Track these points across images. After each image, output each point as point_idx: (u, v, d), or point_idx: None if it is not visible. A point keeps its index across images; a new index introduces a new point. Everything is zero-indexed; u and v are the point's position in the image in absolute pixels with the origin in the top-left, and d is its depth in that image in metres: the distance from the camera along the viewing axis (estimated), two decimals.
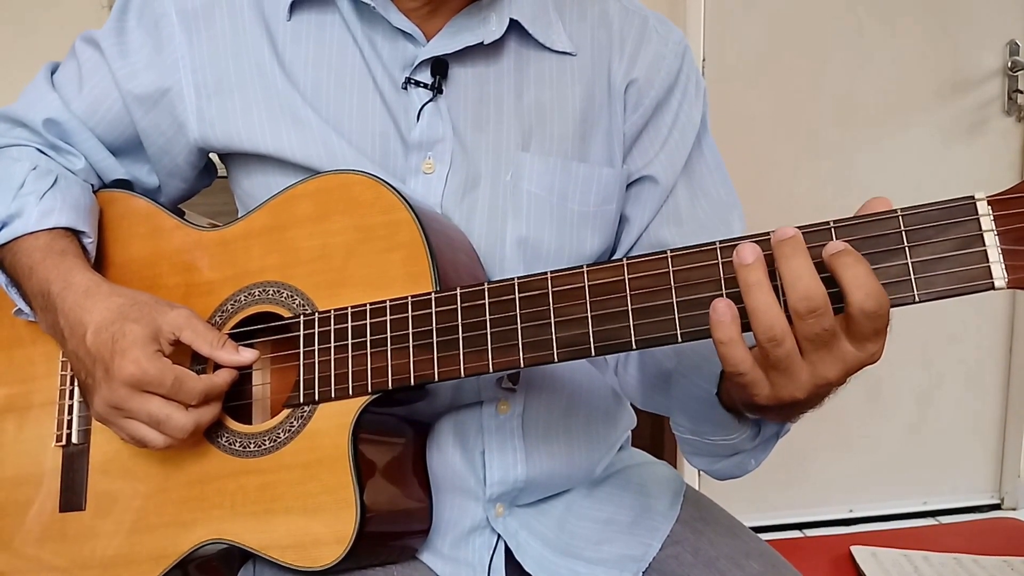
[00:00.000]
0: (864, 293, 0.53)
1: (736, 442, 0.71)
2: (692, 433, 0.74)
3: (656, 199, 0.84)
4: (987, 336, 2.25)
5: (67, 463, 0.81)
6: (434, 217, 0.74)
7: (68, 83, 0.86)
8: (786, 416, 0.65)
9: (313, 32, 0.81)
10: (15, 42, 1.80)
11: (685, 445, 0.76)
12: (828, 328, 0.54)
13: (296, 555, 0.70)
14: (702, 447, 0.74)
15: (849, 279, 0.53)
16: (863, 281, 0.53)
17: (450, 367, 0.67)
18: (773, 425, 0.71)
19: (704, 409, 0.71)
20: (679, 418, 0.75)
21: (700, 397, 0.70)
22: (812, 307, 0.53)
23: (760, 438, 0.71)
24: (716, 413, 0.70)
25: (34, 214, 0.78)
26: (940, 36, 2.13)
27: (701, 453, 0.75)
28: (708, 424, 0.71)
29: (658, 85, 0.84)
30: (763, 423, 0.71)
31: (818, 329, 0.54)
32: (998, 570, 1.08)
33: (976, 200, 0.54)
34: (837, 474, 2.23)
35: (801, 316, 0.54)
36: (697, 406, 0.71)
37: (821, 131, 2.14)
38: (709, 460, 0.75)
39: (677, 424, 0.76)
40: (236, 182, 0.86)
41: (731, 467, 0.74)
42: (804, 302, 0.53)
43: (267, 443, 0.73)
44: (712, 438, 0.72)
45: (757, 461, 0.74)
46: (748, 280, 0.55)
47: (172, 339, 0.72)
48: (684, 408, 0.74)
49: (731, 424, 0.70)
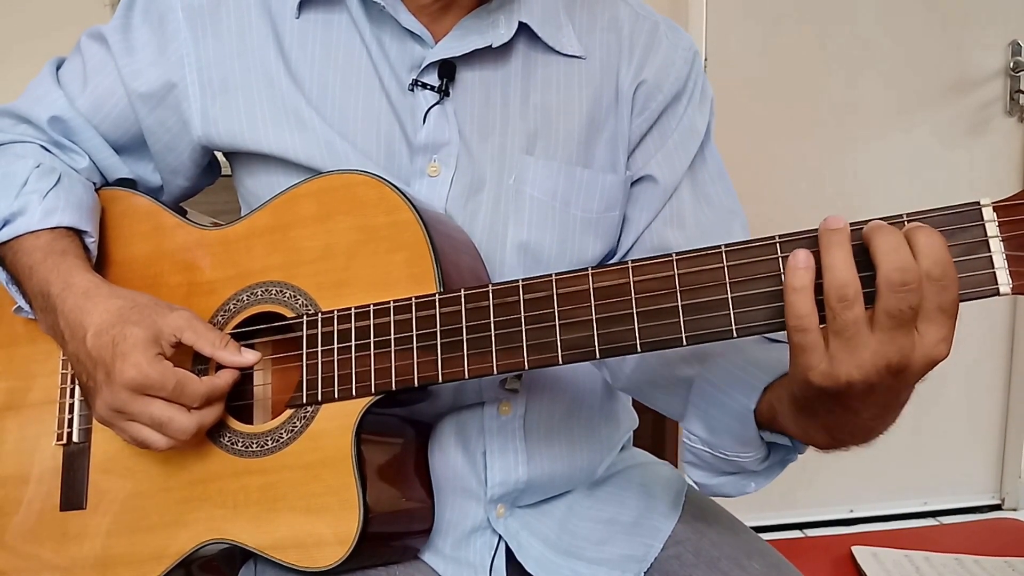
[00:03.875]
0: (932, 260, 0.52)
1: (747, 461, 0.70)
2: (705, 445, 0.72)
3: (656, 200, 0.84)
4: (988, 337, 2.25)
5: (68, 462, 0.80)
6: (438, 218, 0.74)
7: (73, 80, 0.86)
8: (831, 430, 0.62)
9: (320, 32, 0.81)
10: (17, 39, 1.80)
11: (689, 455, 0.74)
12: (914, 306, 0.53)
13: (298, 555, 0.70)
14: (710, 461, 0.72)
15: (923, 245, 0.53)
16: (936, 250, 0.53)
17: (454, 368, 0.66)
18: (782, 451, 0.70)
19: (731, 422, 0.69)
20: (694, 428, 0.73)
21: (731, 410, 0.69)
22: (906, 279, 0.52)
23: (768, 462, 0.71)
24: (745, 429, 0.68)
25: (36, 213, 0.78)
26: (942, 36, 2.12)
27: (705, 467, 0.73)
28: (728, 437, 0.70)
29: (667, 89, 0.84)
30: (773, 448, 0.70)
31: (904, 305, 0.53)
32: (999, 571, 1.08)
33: (981, 206, 0.54)
34: (838, 474, 2.22)
35: (894, 288, 0.53)
36: (723, 418, 0.70)
37: (822, 131, 2.13)
38: (710, 474, 0.74)
39: (690, 434, 0.73)
40: (240, 181, 0.86)
41: (729, 485, 0.73)
42: (899, 273, 0.53)
43: (269, 443, 0.73)
44: (726, 453, 0.70)
45: (758, 485, 0.73)
46: (830, 239, 0.55)
47: (173, 341, 0.72)
48: (704, 418, 0.72)
49: (755, 441, 0.68)
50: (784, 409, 0.64)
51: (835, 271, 0.54)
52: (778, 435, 0.68)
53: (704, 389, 0.73)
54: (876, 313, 0.54)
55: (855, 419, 0.60)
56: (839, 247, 0.54)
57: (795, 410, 0.63)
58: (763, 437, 0.68)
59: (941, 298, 0.53)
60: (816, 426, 0.62)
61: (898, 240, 0.54)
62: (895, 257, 0.53)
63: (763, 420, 0.67)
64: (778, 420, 0.66)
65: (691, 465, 0.74)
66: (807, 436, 0.65)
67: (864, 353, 0.54)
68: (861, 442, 0.63)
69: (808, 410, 0.62)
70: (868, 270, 0.54)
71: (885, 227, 0.54)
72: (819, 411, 0.61)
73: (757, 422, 0.67)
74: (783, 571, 0.81)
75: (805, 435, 0.65)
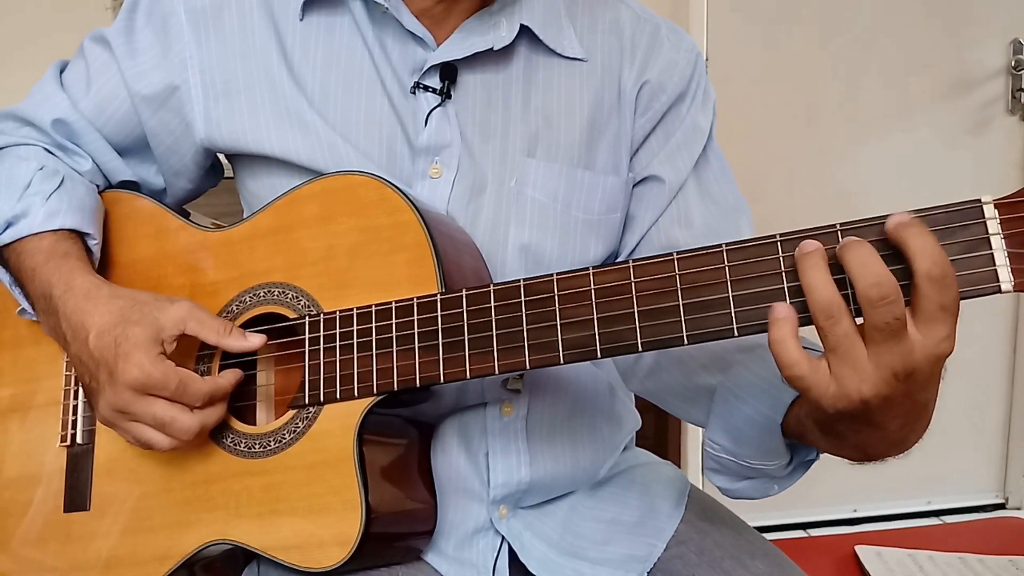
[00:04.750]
0: (931, 260, 0.52)
1: (771, 468, 0.70)
2: (729, 454, 0.72)
3: (661, 199, 0.84)
4: (991, 336, 2.25)
5: (71, 463, 0.81)
6: (440, 219, 0.74)
7: (76, 83, 0.86)
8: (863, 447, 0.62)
9: (322, 34, 0.81)
10: (18, 41, 1.80)
11: (712, 463, 0.74)
12: (899, 316, 0.53)
13: (300, 556, 0.70)
14: (733, 468, 0.72)
15: (917, 247, 0.52)
16: (931, 250, 0.52)
17: (456, 368, 0.67)
18: (804, 452, 0.70)
19: (757, 434, 0.68)
20: (718, 437, 0.72)
21: (757, 422, 0.68)
22: (883, 293, 0.53)
23: (792, 465, 0.70)
24: (772, 441, 0.67)
25: (40, 215, 0.78)
26: (943, 35, 2.12)
27: (727, 472, 0.73)
28: (752, 448, 0.70)
29: (670, 90, 0.84)
30: (795, 450, 0.70)
31: (889, 318, 0.53)
32: (1003, 569, 1.07)
33: (983, 203, 0.53)
34: (841, 474, 2.19)
35: (873, 303, 0.53)
36: (749, 431, 0.69)
37: (824, 131, 2.13)
38: (732, 480, 0.73)
39: (713, 443, 0.73)
40: (242, 183, 0.86)
41: (752, 489, 0.73)
42: (875, 288, 0.53)
43: (272, 444, 0.73)
44: (750, 462, 0.70)
45: (781, 487, 0.73)
46: (805, 264, 0.55)
47: (176, 334, 0.72)
48: (729, 429, 0.71)
49: (781, 451, 0.68)
50: (812, 430, 0.64)
51: (816, 292, 0.54)
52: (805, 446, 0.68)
53: (728, 400, 0.72)
54: (866, 330, 0.54)
55: (883, 433, 0.59)
56: (815, 269, 0.55)
57: (823, 434, 0.63)
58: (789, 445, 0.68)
59: (943, 297, 0.53)
60: (847, 446, 0.62)
61: (867, 253, 0.54)
62: (867, 272, 0.53)
63: (791, 434, 0.67)
64: (807, 437, 0.65)
65: (713, 472, 0.74)
66: (840, 454, 0.64)
67: (866, 366, 0.55)
68: (898, 453, 0.62)
69: (835, 434, 0.62)
70: None
71: (853, 243, 0.54)
72: (846, 434, 0.61)
73: (784, 434, 0.67)
74: (786, 571, 0.81)
75: (838, 453, 0.65)
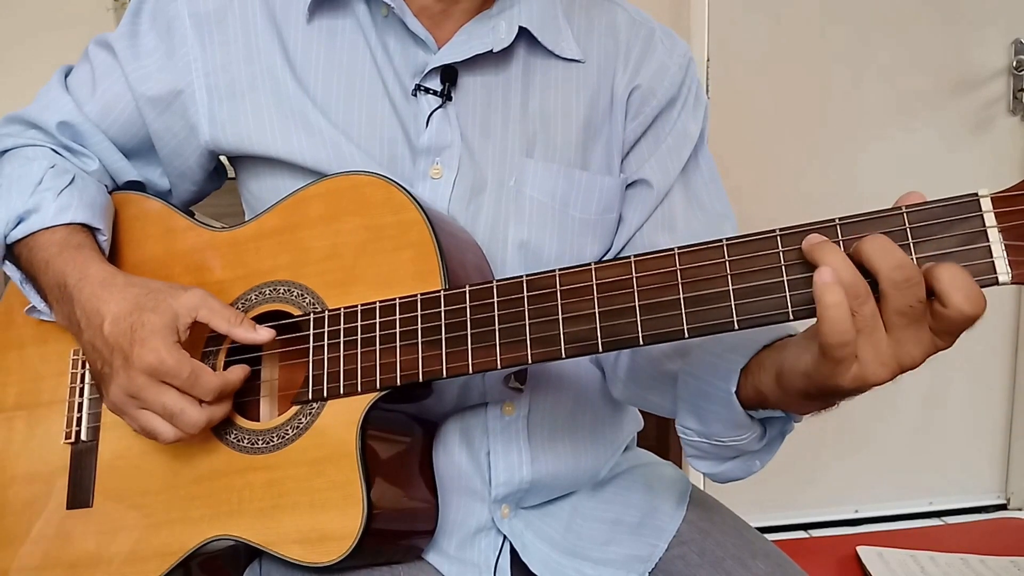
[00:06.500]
0: (963, 295, 0.52)
1: (745, 443, 0.70)
2: (700, 436, 0.73)
3: (648, 202, 0.85)
4: (993, 336, 2.24)
5: (76, 460, 0.81)
6: (442, 218, 0.75)
7: (81, 86, 0.86)
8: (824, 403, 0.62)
9: (326, 37, 0.82)
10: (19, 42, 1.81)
11: (690, 448, 0.74)
12: (922, 300, 0.53)
13: (302, 551, 0.70)
14: (709, 450, 0.73)
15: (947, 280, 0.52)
16: (962, 283, 0.52)
17: (458, 363, 0.67)
18: (778, 424, 0.71)
19: (718, 409, 0.69)
20: (687, 421, 0.74)
21: (715, 397, 0.69)
22: (908, 275, 0.53)
23: (767, 438, 0.71)
24: (731, 413, 0.68)
25: (51, 209, 0.79)
26: (945, 35, 2.12)
27: (707, 456, 0.74)
28: (719, 424, 0.70)
29: (660, 95, 0.85)
30: (768, 423, 0.70)
31: (913, 300, 0.53)
32: (1005, 570, 1.07)
33: (980, 197, 0.54)
34: (843, 475, 2.22)
35: (898, 285, 0.53)
36: (710, 407, 0.70)
37: (825, 130, 2.13)
38: (714, 463, 0.74)
39: (684, 428, 0.74)
40: (244, 184, 0.87)
41: (736, 469, 0.74)
42: (899, 271, 0.53)
43: (275, 440, 0.73)
44: (722, 439, 0.71)
45: (762, 462, 0.73)
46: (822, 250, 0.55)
47: (189, 322, 0.72)
48: (693, 410, 0.73)
49: (745, 423, 0.69)
50: (777, 394, 0.64)
51: (842, 272, 0.54)
52: (770, 411, 0.68)
53: (687, 382, 0.73)
54: (887, 316, 0.54)
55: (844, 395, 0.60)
56: (834, 253, 0.55)
57: (802, 399, 0.62)
58: (753, 416, 0.69)
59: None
60: (817, 406, 0.63)
61: (885, 240, 0.54)
62: (890, 257, 0.53)
63: (750, 402, 0.67)
64: (769, 401, 0.66)
65: (694, 458, 0.75)
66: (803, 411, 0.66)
67: (886, 350, 0.55)
68: None
69: (819, 400, 0.62)
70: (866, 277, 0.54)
71: (870, 235, 0.55)
72: (830, 401, 0.62)
73: (744, 404, 0.68)
74: (788, 571, 0.82)
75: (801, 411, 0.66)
